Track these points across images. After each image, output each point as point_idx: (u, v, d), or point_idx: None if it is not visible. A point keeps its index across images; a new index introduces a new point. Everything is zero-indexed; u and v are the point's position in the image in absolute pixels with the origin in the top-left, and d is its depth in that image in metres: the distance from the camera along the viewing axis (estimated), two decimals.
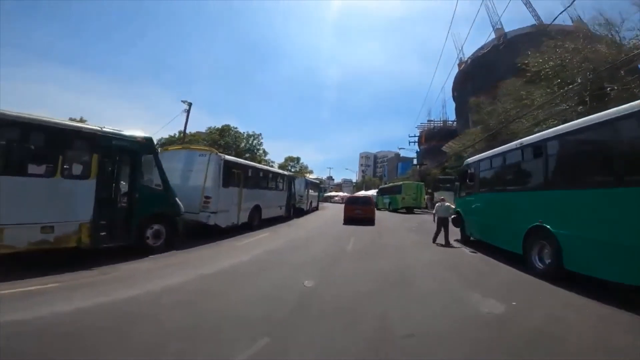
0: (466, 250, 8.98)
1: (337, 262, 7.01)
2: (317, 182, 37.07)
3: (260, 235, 11.19)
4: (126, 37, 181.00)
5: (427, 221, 19.20)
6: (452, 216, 11.10)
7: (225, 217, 10.48)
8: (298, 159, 49.15)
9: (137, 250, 7.07)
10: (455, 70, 42.94)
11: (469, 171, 10.28)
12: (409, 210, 28.36)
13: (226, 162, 10.56)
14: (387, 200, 32.06)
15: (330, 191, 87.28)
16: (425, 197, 36.25)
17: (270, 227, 13.49)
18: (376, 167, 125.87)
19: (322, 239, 10.92)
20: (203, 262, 6.87)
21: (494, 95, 23.45)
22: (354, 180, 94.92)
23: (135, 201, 6.99)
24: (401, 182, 31.96)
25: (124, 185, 7.16)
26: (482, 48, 36.03)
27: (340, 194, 72.22)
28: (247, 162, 13.90)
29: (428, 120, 58.43)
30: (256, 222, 13.03)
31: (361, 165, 61.53)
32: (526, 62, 16.05)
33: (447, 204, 10.79)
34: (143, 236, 7.24)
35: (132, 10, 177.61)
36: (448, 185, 35.58)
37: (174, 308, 4.09)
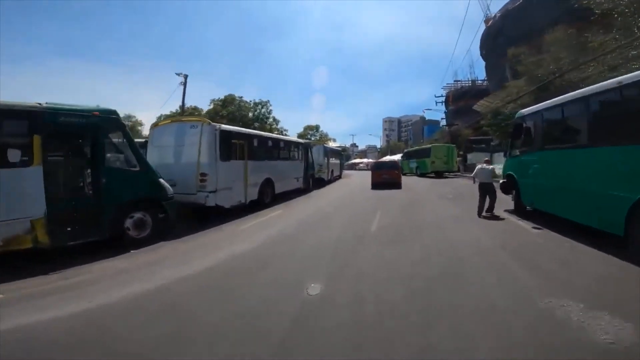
0: (526, 225, 7.02)
1: (357, 251, 5.40)
2: (339, 149, 35.24)
3: (271, 213, 9.82)
4: (133, 21, 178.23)
5: (463, 186, 17.16)
6: (502, 180, 9.12)
7: (228, 196, 9.10)
8: (317, 127, 46.87)
9: (120, 244, 5.97)
10: (482, 29, 37.84)
11: (525, 125, 8.03)
12: (439, 174, 25.81)
13: (223, 132, 8.99)
14: (413, 165, 29.59)
15: (355, 158, 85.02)
16: (457, 159, 33.56)
17: (285, 203, 12.13)
18: (400, 131, 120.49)
19: (342, 214, 9.35)
20: (191, 256, 5.57)
21: (535, 46, 19.94)
22: (379, 146, 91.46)
23: (103, 187, 5.79)
24: (430, 145, 29.28)
25: (89, 171, 6.01)
26: (512, 1, 31.08)
27: (365, 160, 69.82)
28: (250, 130, 12.18)
29: (455, 81, 53.20)
30: (268, 198, 11.69)
31: (385, 130, 57.78)
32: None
33: (491, 166, 8.79)
34: (122, 227, 6.04)
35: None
36: (483, 145, 32.48)
37: (121, 332, 2.97)
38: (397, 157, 39.05)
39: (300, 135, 40.88)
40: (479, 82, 48.23)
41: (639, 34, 11.26)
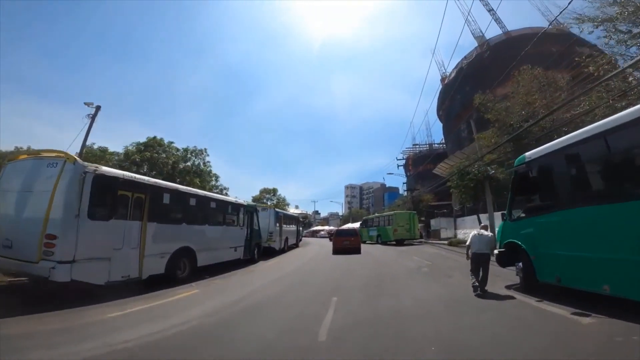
0: (559, 310, 4.52)
1: None
2: (296, 215, 32.57)
3: (173, 296, 6.40)
4: (101, 68, 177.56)
5: (433, 255, 15.01)
6: (499, 250, 6.90)
7: (100, 268, 6.03)
8: (274, 190, 44.06)
9: None
10: (436, 98, 41.41)
11: (533, 173, 6.03)
12: (400, 242, 24.40)
13: (99, 177, 6.21)
14: (374, 233, 27.86)
15: (317, 225, 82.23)
16: (419, 226, 32.31)
17: (209, 279, 8.73)
18: (362, 199, 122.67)
19: (280, 303, 6.17)
20: None
21: (499, 94, 20.12)
22: (341, 214, 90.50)
23: None
24: (392, 212, 27.94)
25: None
26: (465, 58, 34.43)
27: (326, 227, 67.43)
28: (156, 181, 8.68)
29: (413, 145, 55.77)
30: (185, 272, 8.41)
31: (346, 196, 57.28)
32: None
33: (489, 233, 6.60)
34: None
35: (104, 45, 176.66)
36: (445, 210, 31.96)
37: None
38: (358, 224, 37.10)
39: (255, 199, 37.86)
40: (436, 145, 50.67)
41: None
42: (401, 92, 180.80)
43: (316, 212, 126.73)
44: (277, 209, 20.14)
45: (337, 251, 17.21)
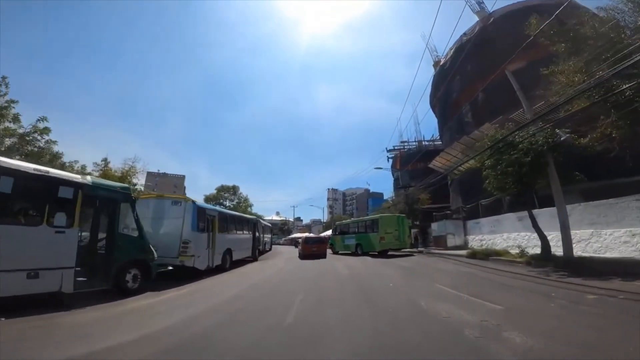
0: None
1: None
2: (249, 217, 26.22)
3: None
4: (84, 74, 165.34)
5: (462, 277, 8.74)
6: None
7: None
8: (234, 188, 36.34)
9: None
10: (427, 94, 35.94)
11: None
12: (383, 253, 18.67)
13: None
14: (351, 242, 21.77)
15: (298, 232, 75.30)
16: (412, 232, 26.26)
17: None
18: (345, 205, 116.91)
19: None
20: None
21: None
22: (323, 220, 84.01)
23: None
24: (377, 215, 22.01)
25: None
26: (465, 35, 29.00)
27: (307, 234, 60.21)
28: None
29: (401, 142, 50.05)
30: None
31: (328, 199, 50.80)
32: None
33: None
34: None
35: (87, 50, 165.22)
36: (448, 212, 26.02)
37: None
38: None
39: (208, 199, 30.59)
40: (426, 142, 45.21)
41: None
42: (385, 99, 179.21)
43: (298, 219, 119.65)
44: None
45: (305, 257, 18.53)
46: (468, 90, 26.11)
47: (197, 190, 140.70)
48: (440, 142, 42.95)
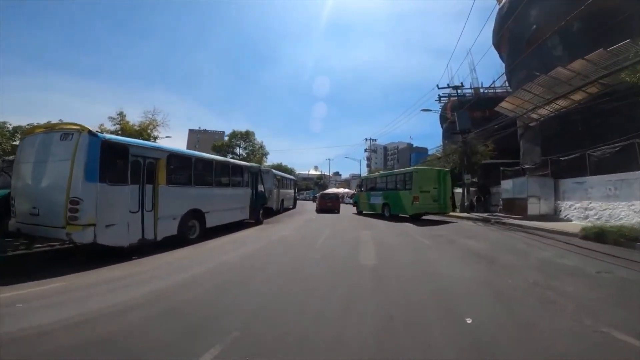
0: None
1: None
2: (292, 177, 22.68)
3: None
4: (122, 42, 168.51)
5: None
6: None
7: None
8: (248, 134, 30.02)
9: None
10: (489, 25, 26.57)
11: None
12: (416, 217, 15.01)
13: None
14: (377, 201, 17.62)
15: (336, 187, 71.82)
16: (469, 192, 20.55)
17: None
18: (387, 160, 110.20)
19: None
20: None
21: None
22: (362, 174, 78.97)
23: None
24: (412, 168, 16.88)
25: None
26: None
27: (345, 190, 55.78)
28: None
29: (453, 87, 41.37)
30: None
31: (366, 150, 45.11)
32: None
33: None
34: None
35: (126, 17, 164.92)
36: (517, 168, 19.39)
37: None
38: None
39: (217, 147, 26.61)
40: (483, 90, 36.54)
41: None
42: (428, 55, 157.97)
43: (336, 173, 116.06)
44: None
45: (321, 210, 20.81)
46: (555, 18, 17.77)
47: None
48: (503, 90, 34.12)
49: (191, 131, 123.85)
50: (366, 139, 47.50)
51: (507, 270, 5.14)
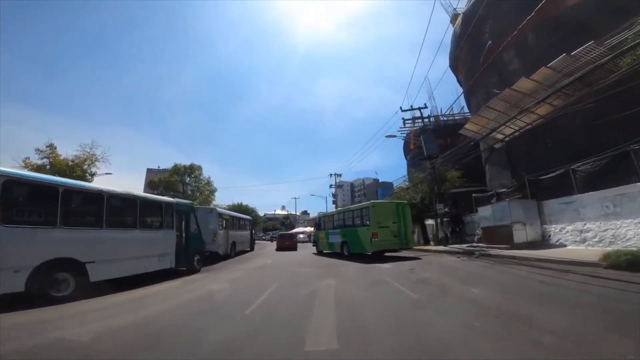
0: None
1: None
2: (245, 217, 19.64)
3: None
4: (88, 73, 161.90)
5: None
6: None
7: None
8: (193, 168, 25.61)
9: None
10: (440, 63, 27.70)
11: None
12: (378, 254, 13.23)
13: None
14: (336, 239, 16.15)
15: (303, 226, 68.34)
16: (445, 223, 18.93)
17: None
18: (354, 196, 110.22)
19: None
20: None
21: None
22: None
23: None
24: (368, 203, 15.09)
25: None
26: None
27: (309, 229, 52.72)
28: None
29: (412, 118, 42.04)
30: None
31: (331, 186, 42.97)
32: None
33: None
34: None
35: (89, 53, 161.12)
36: (484, 194, 17.90)
37: None
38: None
39: (153, 184, 22.96)
40: (443, 117, 37.25)
41: None
42: (388, 89, 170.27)
43: (304, 212, 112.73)
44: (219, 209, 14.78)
45: (279, 249, 23.17)
46: (508, 32, 18.26)
47: None
48: (461, 116, 35.02)
49: (149, 170, 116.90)
50: (331, 175, 45.70)
51: (581, 346, 2.72)
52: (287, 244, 23.52)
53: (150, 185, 22.48)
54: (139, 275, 7.76)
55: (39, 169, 20.09)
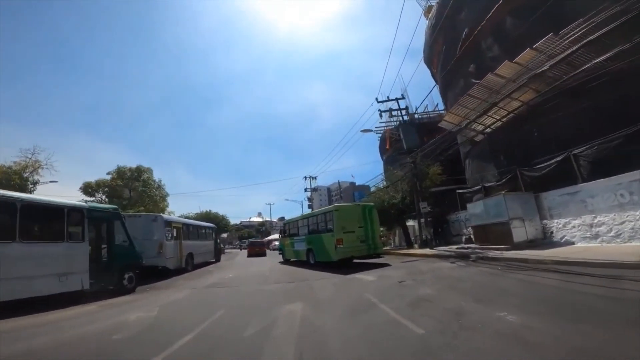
0: None
1: None
2: (206, 225, 17.01)
3: None
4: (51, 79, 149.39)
5: None
6: None
7: None
8: (141, 170, 21.82)
9: None
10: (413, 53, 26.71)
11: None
12: (344, 262, 11.73)
13: None
14: (301, 247, 14.87)
15: (277, 234, 65.38)
16: (425, 223, 17.44)
17: None
18: (331, 201, 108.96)
19: None
20: None
21: None
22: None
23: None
24: (332, 207, 13.64)
25: None
26: None
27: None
28: None
29: (389, 117, 40.72)
30: None
31: (306, 190, 40.49)
32: None
33: None
34: None
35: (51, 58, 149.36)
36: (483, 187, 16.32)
37: None
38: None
39: (89, 189, 19.38)
40: (418, 114, 36.07)
41: None
42: (364, 93, 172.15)
43: (281, 219, 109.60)
44: (167, 216, 12.98)
45: (250, 255, 26.02)
46: (485, 17, 17.31)
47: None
48: (436, 113, 34.21)
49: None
50: (305, 177, 43.52)
51: None
52: (257, 250, 26.60)
53: (85, 191, 19.18)
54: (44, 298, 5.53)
55: None
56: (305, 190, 43.21)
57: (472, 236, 13.34)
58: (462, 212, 17.19)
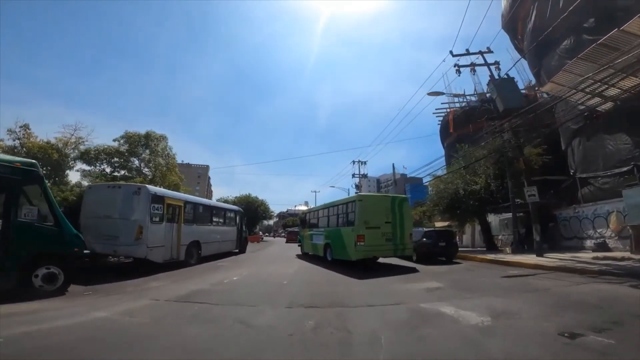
0: None
1: None
2: (224, 205, 13.74)
3: None
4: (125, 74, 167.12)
5: None
6: None
7: None
8: (150, 136, 18.11)
9: None
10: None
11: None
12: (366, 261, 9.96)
13: None
14: (319, 241, 12.68)
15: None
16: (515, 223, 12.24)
17: None
18: (380, 192, 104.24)
19: None
20: None
21: None
22: None
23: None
24: (354, 196, 12.04)
25: None
26: None
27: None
28: None
29: (453, 95, 34.00)
30: None
31: (354, 176, 35.66)
32: None
33: None
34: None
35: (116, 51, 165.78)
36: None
37: None
38: None
39: (88, 158, 16.52)
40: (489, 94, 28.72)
41: None
42: (417, 87, 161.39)
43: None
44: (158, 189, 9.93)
45: (288, 240, 33.17)
46: None
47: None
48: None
49: None
50: (354, 162, 38.68)
51: None
52: (294, 238, 28.58)
53: (83, 159, 16.90)
54: None
55: (10, 151, 16.22)
56: (353, 176, 38.53)
57: (616, 240, 8.02)
58: (589, 206, 11.71)
